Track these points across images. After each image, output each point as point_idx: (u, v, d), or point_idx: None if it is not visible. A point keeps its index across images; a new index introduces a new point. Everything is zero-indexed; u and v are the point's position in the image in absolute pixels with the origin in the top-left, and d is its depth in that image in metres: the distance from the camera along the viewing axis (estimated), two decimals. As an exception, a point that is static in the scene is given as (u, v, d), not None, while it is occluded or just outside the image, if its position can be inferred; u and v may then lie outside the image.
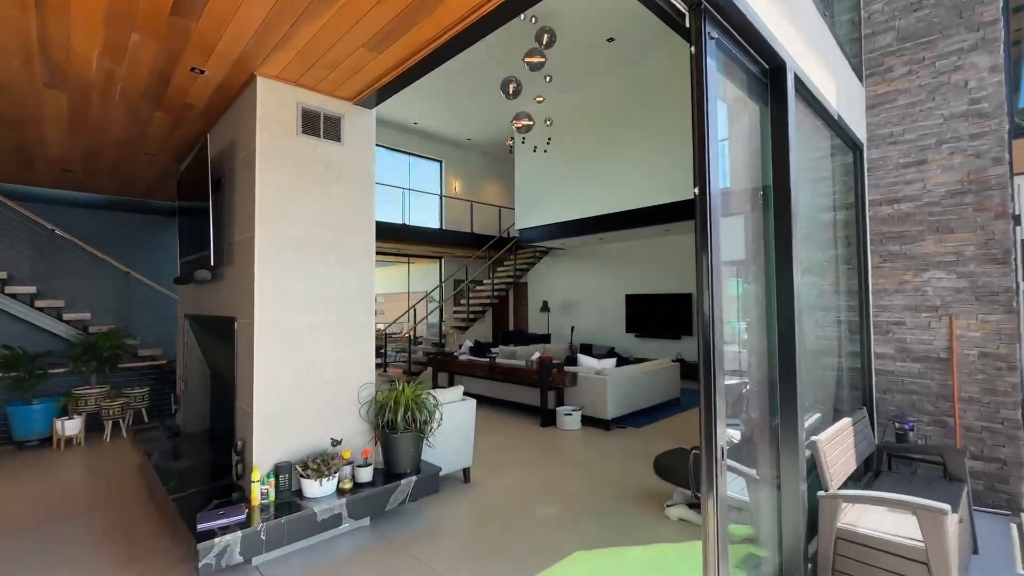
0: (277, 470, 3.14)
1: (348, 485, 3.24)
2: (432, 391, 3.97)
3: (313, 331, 3.39)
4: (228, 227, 3.62)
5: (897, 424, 3.74)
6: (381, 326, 14.33)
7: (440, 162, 14.00)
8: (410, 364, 10.02)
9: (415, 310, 11.28)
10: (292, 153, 3.33)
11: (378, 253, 13.41)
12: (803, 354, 2.63)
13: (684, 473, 3.54)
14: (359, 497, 3.20)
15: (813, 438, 2.72)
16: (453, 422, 4.17)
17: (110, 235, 7.33)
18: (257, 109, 3.16)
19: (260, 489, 3.02)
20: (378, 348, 13.00)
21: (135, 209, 7.38)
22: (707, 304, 2.00)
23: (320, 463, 3.15)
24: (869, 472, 3.38)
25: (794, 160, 2.69)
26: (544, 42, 6.93)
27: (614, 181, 9.83)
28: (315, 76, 3.22)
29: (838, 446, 2.88)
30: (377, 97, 3.56)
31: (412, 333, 11.18)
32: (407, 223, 11.92)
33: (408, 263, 14.65)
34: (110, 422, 6.01)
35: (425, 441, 3.60)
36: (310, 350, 3.38)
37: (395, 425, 3.46)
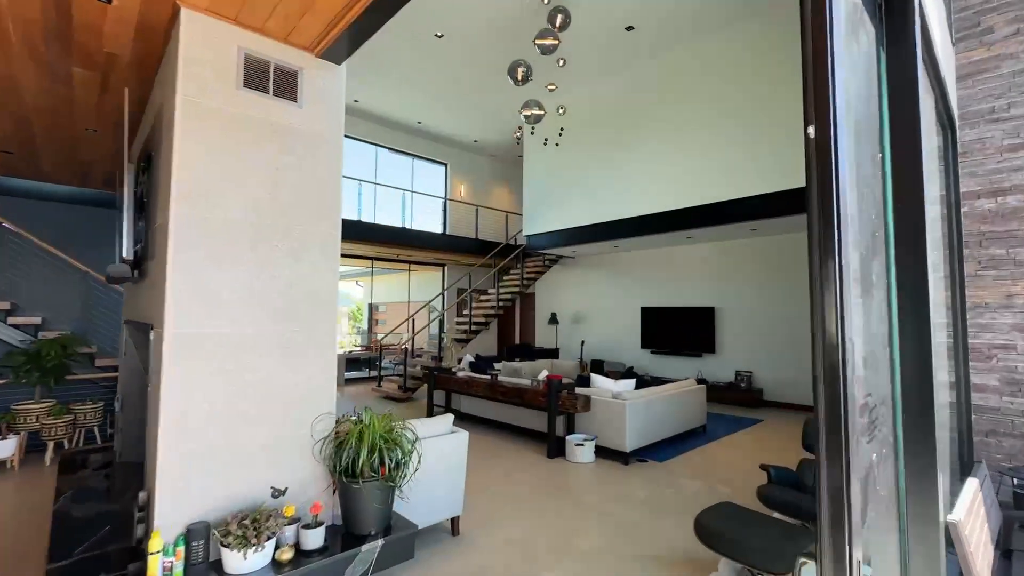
0: (189, 535, 2.31)
1: (288, 555, 2.40)
2: (412, 422, 3.14)
3: (251, 345, 2.58)
4: (154, 212, 2.85)
5: (1016, 480, 2.85)
6: (380, 335, 13.54)
7: (445, 165, 13.29)
8: (406, 379, 9.18)
9: (414, 320, 10.47)
10: (230, 112, 2.55)
11: (377, 259, 12.61)
12: (940, 397, 1.78)
13: (738, 541, 2.66)
14: (303, 571, 2.36)
15: (948, 518, 1.86)
16: (440, 461, 3.34)
17: (72, 232, 6.60)
18: (179, 50, 2.39)
19: (162, 562, 2.20)
20: (373, 361, 12.19)
21: (99, 203, 6.67)
22: (832, 324, 1.14)
23: (249, 525, 2.33)
24: (995, 551, 2.48)
25: (926, 124, 1.86)
26: (558, 24, 6.21)
27: (631, 184, 9.01)
28: (259, 11, 2.46)
29: (975, 523, 2.01)
30: (347, 47, 2.80)
31: (410, 345, 10.35)
32: (409, 227, 11.16)
33: (409, 270, 13.89)
34: (52, 443, 5.24)
35: (396, 491, 2.76)
36: (246, 370, 2.57)
37: (357, 471, 2.63)
